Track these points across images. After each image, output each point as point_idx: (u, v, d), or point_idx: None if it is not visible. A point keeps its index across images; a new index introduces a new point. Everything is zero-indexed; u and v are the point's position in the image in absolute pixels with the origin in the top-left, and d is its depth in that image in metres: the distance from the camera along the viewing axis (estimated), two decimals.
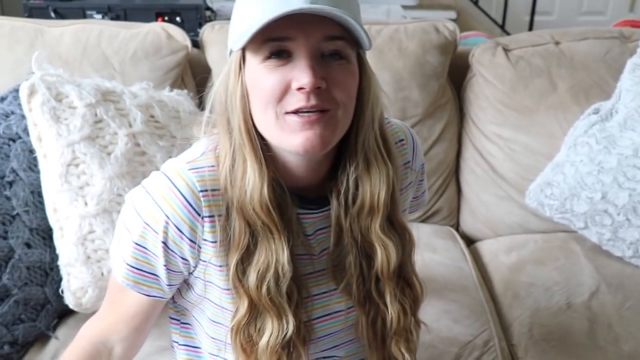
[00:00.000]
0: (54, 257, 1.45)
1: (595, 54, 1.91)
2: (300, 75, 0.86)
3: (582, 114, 1.82)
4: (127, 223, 0.97)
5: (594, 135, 1.77)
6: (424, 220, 1.94)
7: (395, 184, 0.98)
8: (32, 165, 1.48)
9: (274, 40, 0.86)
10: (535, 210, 1.85)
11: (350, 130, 0.94)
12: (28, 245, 1.44)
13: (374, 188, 0.96)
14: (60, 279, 1.45)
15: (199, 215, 0.93)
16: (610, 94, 1.83)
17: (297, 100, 0.87)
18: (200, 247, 0.95)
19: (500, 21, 4.17)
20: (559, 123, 1.86)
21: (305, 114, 0.87)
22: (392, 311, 1.03)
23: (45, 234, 1.46)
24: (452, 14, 3.80)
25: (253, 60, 0.89)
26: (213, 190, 0.93)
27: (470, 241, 1.98)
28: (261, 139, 0.92)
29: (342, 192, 0.98)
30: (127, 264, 0.97)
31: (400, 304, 1.03)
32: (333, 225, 1.00)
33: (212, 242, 0.94)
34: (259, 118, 0.90)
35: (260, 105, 0.89)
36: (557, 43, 1.95)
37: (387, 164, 0.97)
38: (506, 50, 1.94)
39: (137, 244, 0.95)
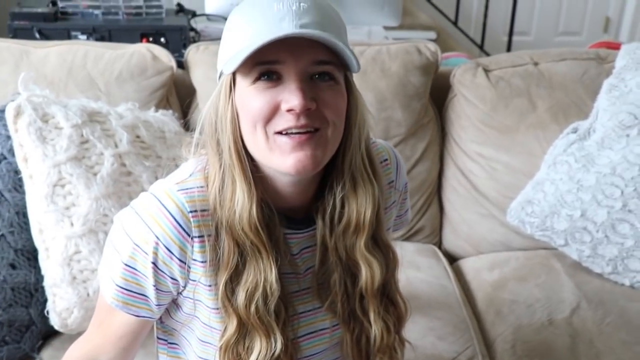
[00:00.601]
0: (39, 278, 1.45)
1: (573, 75, 1.95)
2: (290, 97, 0.87)
3: (561, 133, 1.86)
4: (116, 244, 0.97)
5: (572, 154, 1.81)
6: (407, 238, 1.96)
7: (380, 203, 1.00)
8: (18, 186, 1.48)
9: (264, 63, 0.88)
10: (516, 228, 1.88)
11: (337, 151, 0.96)
12: (13, 267, 1.44)
13: (360, 207, 0.98)
14: (46, 300, 1.44)
15: (189, 235, 0.94)
16: (588, 113, 1.87)
17: (286, 120, 0.89)
18: (189, 267, 0.96)
19: (479, 41, 4.24)
20: (539, 142, 1.89)
21: (296, 135, 0.89)
22: (375, 329, 1.04)
23: (31, 255, 1.46)
24: (432, 34, 3.84)
25: (243, 83, 0.90)
26: (202, 210, 0.95)
27: (452, 259, 1.99)
28: (250, 160, 0.94)
29: (328, 211, 0.99)
30: (116, 285, 0.97)
31: (384, 321, 1.05)
32: (318, 245, 1.02)
33: (202, 262, 0.95)
34: (249, 139, 0.92)
35: (250, 126, 0.90)
36: (536, 64, 1.99)
37: (373, 184, 0.99)
38: (486, 70, 1.98)
39: (126, 264, 0.95)
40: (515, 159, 1.91)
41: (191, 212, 0.94)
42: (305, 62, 0.88)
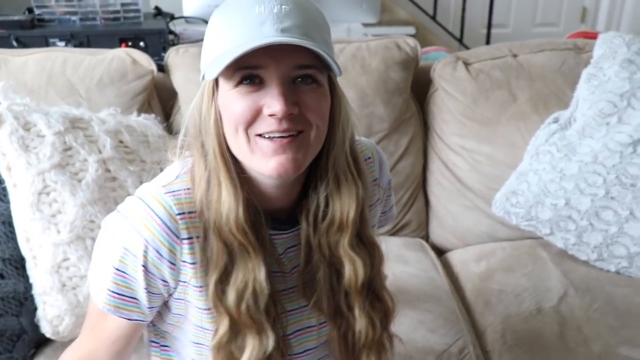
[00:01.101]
0: (28, 287, 1.44)
1: (551, 65, 1.97)
2: (272, 102, 0.87)
3: (542, 123, 1.88)
4: (105, 249, 0.97)
5: (554, 143, 1.83)
6: (394, 233, 1.97)
7: (364, 201, 1.01)
8: (2, 195, 1.47)
9: (246, 68, 0.88)
10: (501, 219, 1.90)
11: (321, 151, 0.97)
12: (1, 276, 1.43)
13: (343, 206, 0.99)
14: (36, 309, 1.44)
15: (178, 237, 0.94)
16: (567, 103, 1.89)
17: (268, 124, 0.89)
18: (179, 269, 0.96)
19: (458, 35, 4.26)
20: (521, 133, 1.91)
21: (277, 138, 0.89)
22: (361, 324, 1.05)
23: (18, 264, 1.45)
24: (411, 30, 3.85)
25: (225, 86, 0.90)
26: (190, 212, 0.95)
27: (440, 252, 2.01)
28: (235, 162, 0.94)
29: (312, 211, 1.00)
30: (107, 289, 0.97)
31: (370, 317, 1.05)
32: (303, 244, 1.02)
33: (192, 263, 0.96)
34: (232, 141, 0.92)
35: (232, 129, 0.91)
36: (515, 55, 2.01)
37: (357, 183, 1.00)
38: (466, 64, 1.99)
39: (116, 269, 0.95)
40: (497, 150, 1.93)
41: (179, 214, 0.94)
42: (287, 67, 0.88)
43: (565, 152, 1.80)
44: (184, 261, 0.96)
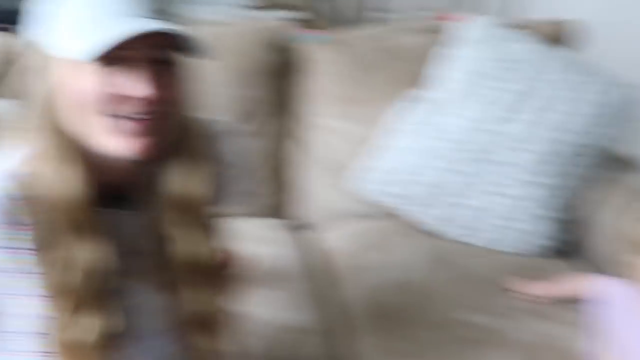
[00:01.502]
0: None
1: (415, 47, 2.04)
2: (132, 84, 0.86)
3: (411, 103, 1.93)
4: None
5: (420, 122, 1.89)
6: (256, 214, 1.95)
7: (207, 181, 1.02)
8: None
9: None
10: (369, 197, 1.94)
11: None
12: None
13: (186, 184, 0.99)
14: None
15: (18, 223, 0.91)
16: (431, 83, 1.95)
17: (124, 106, 0.87)
18: (20, 256, 0.92)
19: (335, 18, 4.30)
20: (388, 112, 1.96)
21: (133, 120, 0.88)
22: (201, 303, 1.05)
23: None
24: (291, 13, 3.86)
25: (80, 64, 0.86)
26: (30, 195, 0.91)
27: (307, 231, 2.00)
28: (78, 141, 0.91)
29: (156, 189, 1.00)
30: None
31: (204, 295, 1.05)
32: (146, 223, 1.02)
33: (32, 249, 0.92)
34: (80, 121, 0.89)
35: (83, 108, 0.88)
36: (385, 37, 2.08)
37: (201, 161, 1.00)
38: (338, 45, 2.04)
39: None
40: (365, 130, 1.97)
41: (18, 199, 0.91)
42: (147, 48, 0.87)
43: (433, 131, 1.86)
44: (26, 248, 0.92)
